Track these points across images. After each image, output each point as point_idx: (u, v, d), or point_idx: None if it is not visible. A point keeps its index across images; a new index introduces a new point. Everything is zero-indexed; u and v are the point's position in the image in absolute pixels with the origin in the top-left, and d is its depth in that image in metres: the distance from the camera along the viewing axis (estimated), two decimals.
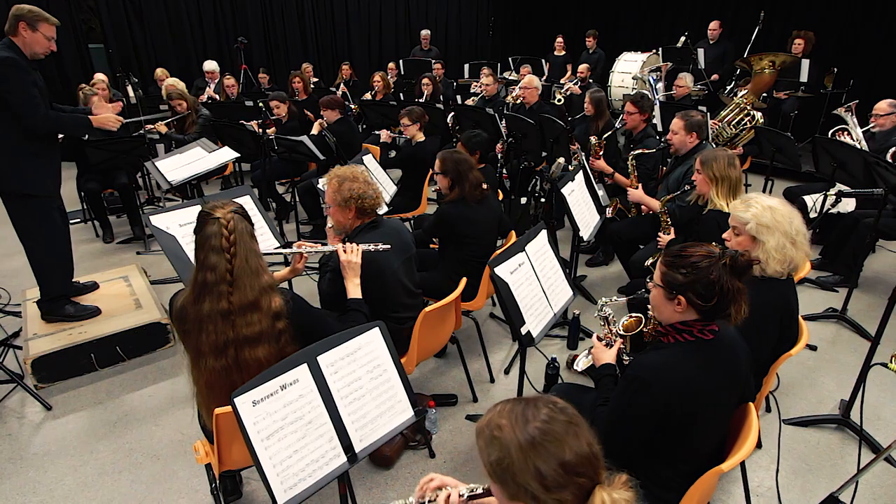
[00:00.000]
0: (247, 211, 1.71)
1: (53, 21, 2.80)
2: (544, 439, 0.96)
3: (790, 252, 1.94)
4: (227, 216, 1.61)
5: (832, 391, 2.83)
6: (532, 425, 0.98)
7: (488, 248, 2.94)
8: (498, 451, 0.99)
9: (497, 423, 1.01)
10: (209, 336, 1.62)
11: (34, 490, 2.26)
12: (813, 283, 3.91)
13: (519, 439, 0.97)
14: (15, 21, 2.68)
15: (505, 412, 1.02)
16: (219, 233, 1.60)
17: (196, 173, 3.74)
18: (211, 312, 1.61)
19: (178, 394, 2.82)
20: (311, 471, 1.42)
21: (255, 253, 1.67)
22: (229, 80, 6.54)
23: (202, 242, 1.62)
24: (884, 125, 4.04)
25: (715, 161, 2.61)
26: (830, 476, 2.31)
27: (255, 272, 1.65)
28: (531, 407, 1.02)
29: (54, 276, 3.05)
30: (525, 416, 1.00)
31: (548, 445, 0.96)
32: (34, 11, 2.72)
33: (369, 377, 1.60)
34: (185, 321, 1.65)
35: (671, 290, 1.50)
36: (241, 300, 1.63)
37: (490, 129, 4.46)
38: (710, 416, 1.53)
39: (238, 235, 1.62)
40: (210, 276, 1.60)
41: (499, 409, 1.04)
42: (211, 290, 1.61)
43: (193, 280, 1.65)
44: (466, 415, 2.68)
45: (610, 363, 1.82)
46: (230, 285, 1.62)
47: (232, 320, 1.63)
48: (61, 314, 3.08)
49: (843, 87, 6.44)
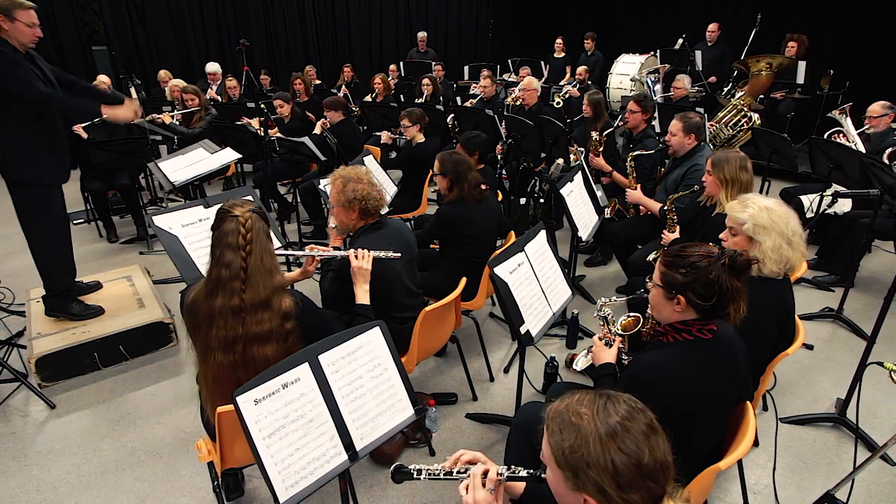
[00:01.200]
0: (265, 211, 1.72)
1: (29, 4, 2.65)
2: (625, 434, 0.94)
3: (787, 252, 1.94)
4: (246, 215, 1.63)
5: (828, 390, 2.83)
6: (613, 418, 0.96)
7: (488, 248, 2.94)
8: (574, 437, 0.96)
9: (577, 409, 0.99)
10: (219, 331, 1.63)
11: (38, 488, 2.26)
12: (809, 282, 3.91)
13: (599, 430, 0.95)
14: None
15: (585, 401, 1.00)
16: (236, 230, 1.61)
17: (198, 174, 3.74)
18: (223, 308, 1.62)
19: (181, 392, 2.82)
20: (313, 469, 1.42)
21: (269, 253, 1.69)
22: (231, 81, 6.53)
23: (219, 239, 1.63)
24: (877, 126, 4.05)
25: (727, 163, 2.58)
26: (827, 474, 2.31)
27: (268, 271, 1.66)
28: (612, 401, 1.00)
29: (55, 270, 3.03)
30: (606, 409, 0.98)
31: (628, 441, 0.94)
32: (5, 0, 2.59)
33: (370, 376, 1.60)
34: (197, 315, 1.66)
35: (670, 290, 1.50)
36: (254, 298, 1.64)
37: (490, 131, 4.46)
38: (709, 416, 1.53)
39: (255, 234, 1.63)
40: (225, 272, 1.62)
41: (577, 398, 1.02)
42: (224, 286, 1.62)
43: (208, 275, 1.66)
44: (466, 413, 2.68)
45: (609, 362, 1.82)
46: (243, 283, 1.63)
47: (242, 317, 1.64)
48: (66, 311, 3.07)
49: (840, 88, 6.44)
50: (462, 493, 1.19)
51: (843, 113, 4.21)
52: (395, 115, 4.92)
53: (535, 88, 5.14)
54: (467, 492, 1.17)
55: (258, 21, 9.00)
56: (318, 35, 9.70)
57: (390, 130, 5.08)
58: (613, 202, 3.94)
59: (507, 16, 11.50)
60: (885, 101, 4.05)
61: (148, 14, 8.00)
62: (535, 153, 4.57)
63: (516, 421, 1.88)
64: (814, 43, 6.25)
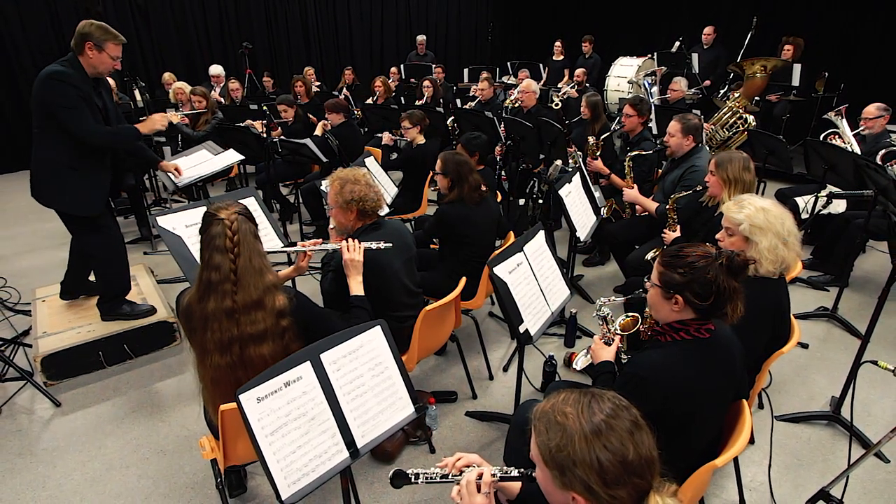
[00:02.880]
0: (251, 211, 1.71)
1: (121, 39, 2.72)
2: (609, 432, 0.95)
3: (782, 252, 1.94)
4: (231, 217, 1.62)
5: (823, 388, 2.83)
6: (598, 417, 0.96)
7: (487, 248, 2.94)
8: (560, 437, 0.96)
9: (562, 409, 0.99)
10: (214, 334, 1.63)
11: (43, 485, 2.26)
12: (804, 282, 3.90)
13: (584, 429, 0.95)
14: (81, 40, 2.60)
15: (570, 400, 1.00)
16: (222, 233, 1.60)
17: (202, 175, 3.74)
18: (216, 311, 1.62)
19: (184, 391, 2.82)
20: (315, 466, 1.42)
21: (258, 253, 1.67)
22: (234, 84, 6.54)
23: (207, 242, 1.62)
24: (872, 128, 4.05)
25: (730, 163, 2.58)
26: (821, 471, 2.31)
27: (258, 271, 1.65)
28: (597, 399, 1.00)
29: (114, 279, 3.05)
30: (591, 408, 0.98)
31: (612, 439, 0.94)
32: (102, 30, 2.64)
33: (371, 374, 1.60)
34: (191, 319, 1.65)
35: (668, 290, 1.50)
36: (245, 299, 1.63)
37: (489, 132, 4.46)
38: (706, 414, 1.53)
39: (241, 236, 1.62)
40: (214, 275, 1.61)
41: (563, 397, 1.02)
42: (215, 289, 1.61)
43: (198, 279, 1.65)
44: (466, 411, 2.68)
45: (609, 360, 1.82)
46: (234, 284, 1.62)
47: (236, 318, 1.63)
48: (118, 313, 3.08)
49: (835, 90, 6.45)
50: (456, 499, 1.18)
51: (838, 115, 4.21)
52: (395, 116, 4.91)
53: (533, 91, 5.14)
54: (461, 498, 1.17)
55: (261, 24, 9.00)
56: (320, 38, 9.70)
57: (391, 132, 5.08)
58: (611, 202, 3.94)
59: (507, 19, 11.50)
60: (881, 103, 4.05)
61: (152, 17, 8.00)
62: (533, 154, 4.57)
63: (515, 419, 1.88)
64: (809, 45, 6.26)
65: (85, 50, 2.61)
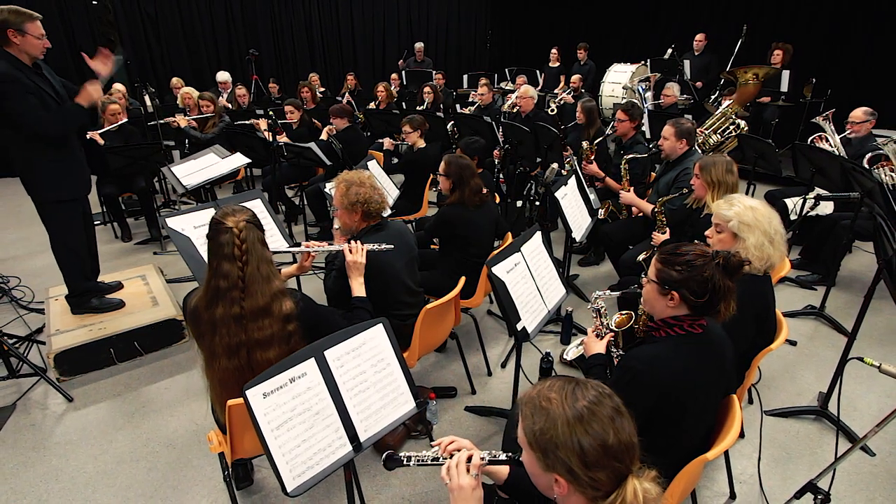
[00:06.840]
0: (258, 218, 1.68)
1: (37, 16, 2.54)
2: (591, 418, 0.96)
3: (768, 250, 1.95)
4: (240, 225, 1.58)
5: (811, 384, 2.83)
6: (581, 403, 0.98)
7: (486, 248, 2.94)
8: (544, 421, 0.98)
9: (547, 395, 1.01)
10: (222, 339, 1.62)
11: (57, 477, 2.26)
12: (793, 281, 3.90)
13: (567, 414, 0.97)
14: (2, 30, 2.46)
15: (555, 387, 1.02)
16: (230, 242, 1.57)
17: (209, 178, 3.74)
18: (224, 317, 1.60)
19: (193, 387, 2.82)
20: (319, 459, 1.42)
21: (266, 260, 1.64)
22: (241, 89, 6.54)
23: (215, 250, 1.60)
24: (859, 132, 4.05)
25: (714, 166, 2.60)
26: (809, 464, 2.31)
27: (266, 279, 1.63)
28: (581, 387, 1.01)
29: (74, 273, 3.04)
30: (575, 394, 0.99)
31: (594, 424, 0.95)
32: (15, 13, 2.48)
33: (373, 371, 1.60)
34: (199, 323, 1.64)
35: (665, 286, 1.50)
36: (253, 306, 1.61)
37: (488, 136, 4.47)
38: (699, 407, 1.53)
39: (249, 244, 1.59)
40: (223, 282, 1.59)
41: (549, 384, 1.03)
42: (224, 296, 1.60)
43: (206, 285, 1.63)
44: (465, 406, 2.68)
45: (600, 353, 1.82)
46: (242, 291, 1.60)
47: (244, 324, 1.62)
48: (88, 307, 3.09)
49: (822, 96, 6.45)
50: (445, 479, 1.19)
51: (826, 119, 4.21)
52: (397, 121, 4.91)
53: (531, 96, 5.13)
54: (450, 478, 1.18)
55: (266, 32, 9.01)
56: (324, 45, 9.70)
57: (392, 137, 5.08)
58: (607, 204, 3.94)
59: (504, 27, 11.51)
60: (867, 108, 4.06)
61: (161, 25, 8.02)
62: (531, 158, 4.58)
63: (513, 413, 1.88)
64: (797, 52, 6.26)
65: (9, 38, 2.48)
